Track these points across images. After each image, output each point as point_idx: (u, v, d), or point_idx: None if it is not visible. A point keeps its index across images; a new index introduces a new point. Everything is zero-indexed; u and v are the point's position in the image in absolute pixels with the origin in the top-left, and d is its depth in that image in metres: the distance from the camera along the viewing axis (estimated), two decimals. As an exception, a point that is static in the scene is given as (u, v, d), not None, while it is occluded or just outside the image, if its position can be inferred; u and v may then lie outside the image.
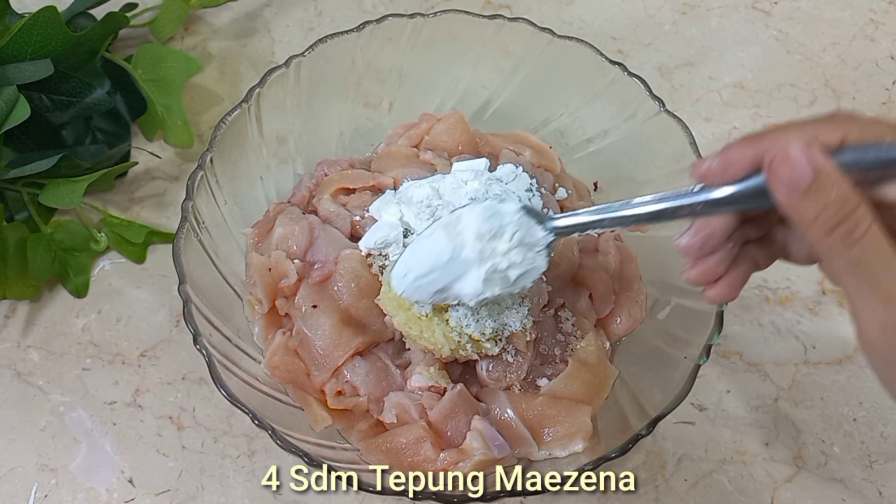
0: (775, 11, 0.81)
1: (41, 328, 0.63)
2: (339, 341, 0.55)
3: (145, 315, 0.64)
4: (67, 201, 0.62)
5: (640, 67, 0.76)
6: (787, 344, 0.64)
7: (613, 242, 0.61)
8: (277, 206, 0.62)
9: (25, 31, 0.63)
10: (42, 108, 0.65)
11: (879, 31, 0.79)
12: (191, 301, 0.53)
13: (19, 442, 0.59)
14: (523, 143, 0.65)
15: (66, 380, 0.61)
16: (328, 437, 0.55)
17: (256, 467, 0.58)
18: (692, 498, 0.58)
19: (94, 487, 0.58)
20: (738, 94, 0.76)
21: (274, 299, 0.58)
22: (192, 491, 0.58)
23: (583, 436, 0.54)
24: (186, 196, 0.56)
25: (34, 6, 0.70)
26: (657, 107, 0.61)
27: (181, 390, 0.61)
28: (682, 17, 0.80)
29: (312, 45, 0.63)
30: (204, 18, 0.79)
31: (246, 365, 0.55)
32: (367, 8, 0.80)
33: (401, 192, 0.59)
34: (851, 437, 0.60)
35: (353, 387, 0.55)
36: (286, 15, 0.79)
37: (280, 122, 0.63)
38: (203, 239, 0.57)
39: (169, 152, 0.71)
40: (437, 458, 0.53)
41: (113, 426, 0.60)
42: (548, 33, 0.64)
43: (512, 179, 0.60)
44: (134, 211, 0.68)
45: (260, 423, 0.49)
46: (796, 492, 0.58)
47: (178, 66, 0.71)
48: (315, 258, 0.58)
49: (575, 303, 0.59)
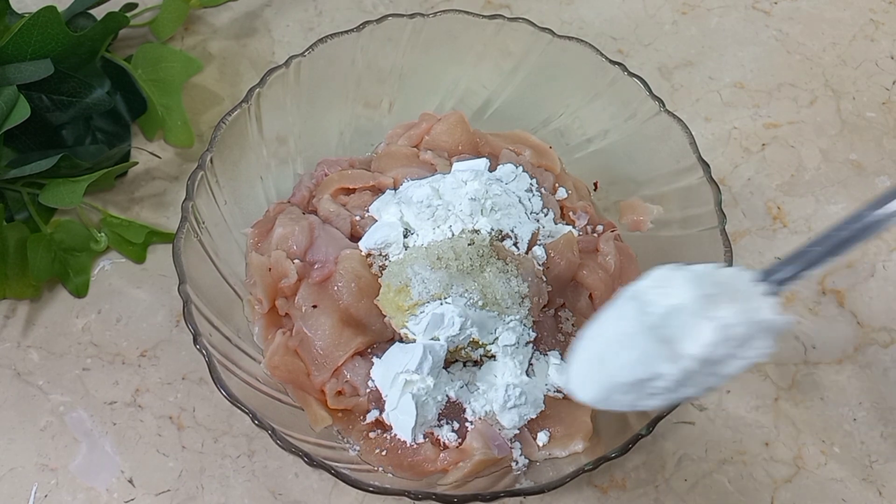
0: (775, 11, 0.81)
1: (41, 328, 0.63)
2: (339, 341, 0.55)
3: (145, 315, 0.64)
4: (67, 201, 0.62)
5: (640, 67, 0.76)
6: (787, 344, 0.64)
7: (613, 242, 0.61)
8: (277, 206, 0.62)
9: (25, 31, 0.63)
10: (42, 108, 0.65)
11: (879, 31, 0.79)
12: (191, 301, 0.53)
13: (19, 442, 0.59)
14: (523, 143, 0.65)
15: (66, 380, 0.61)
16: (328, 437, 0.55)
17: (256, 467, 0.58)
18: (692, 498, 0.58)
19: (94, 487, 0.58)
20: (738, 94, 0.76)
21: (274, 299, 0.58)
22: (192, 491, 0.58)
23: (583, 436, 0.54)
24: (186, 196, 0.56)
25: (34, 6, 0.70)
26: (657, 107, 0.61)
27: (181, 390, 0.61)
28: (682, 17, 0.80)
29: (312, 45, 0.63)
30: (204, 18, 0.79)
31: (246, 365, 0.55)
32: (367, 8, 0.80)
33: (401, 192, 0.59)
34: (851, 437, 0.60)
35: (353, 387, 0.55)
36: (286, 15, 0.79)
37: (280, 122, 0.63)
38: (203, 239, 0.57)
39: (169, 152, 0.71)
40: (437, 458, 0.53)
41: (113, 426, 0.60)
42: (548, 33, 0.64)
43: (512, 179, 0.61)
44: (134, 211, 0.68)
45: (260, 423, 0.49)
46: (796, 492, 0.58)
47: (178, 66, 0.71)
48: (315, 258, 0.58)
49: (575, 303, 0.59)
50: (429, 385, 0.52)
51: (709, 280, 0.40)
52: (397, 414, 0.53)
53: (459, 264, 0.53)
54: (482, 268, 0.54)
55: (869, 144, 0.73)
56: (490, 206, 0.57)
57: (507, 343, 0.53)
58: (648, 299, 0.40)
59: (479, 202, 0.57)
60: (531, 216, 0.59)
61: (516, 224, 0.58)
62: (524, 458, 0.54)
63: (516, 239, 0.57)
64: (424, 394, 0.52)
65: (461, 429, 0.54)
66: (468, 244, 0.54)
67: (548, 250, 0.58)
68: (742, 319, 0.38)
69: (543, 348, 0.56)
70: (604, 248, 0.60)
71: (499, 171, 0.61)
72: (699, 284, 0.39)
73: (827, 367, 0.63)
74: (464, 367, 0.55)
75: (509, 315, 0.54)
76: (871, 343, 0.64)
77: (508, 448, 0.54)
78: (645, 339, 0.39)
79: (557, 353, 0.56)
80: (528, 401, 0.53)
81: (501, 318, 0.54)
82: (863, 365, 0.63)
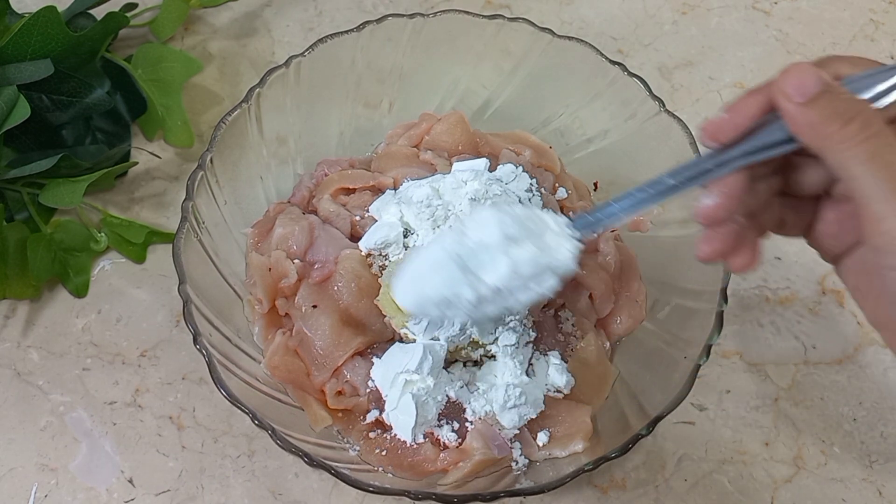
0: (775, 11, 0.81)
1: (41, 328, 0.63)
2: (339, 341, 0.55)
3: (145, 315, 0.64)
4: (67, 201, 0.62)
5: (640, 67, 0.76)
6: (787, 344, 0.64)
7: (613, 242, 0.61)
8: (277, 206, 0.62)
9: (25, 31, 0.63)
10: (42, 108, 0.65)
11: (879, 31, 0.79)
12: (191, 301, 0.53)
13: (19, 442, 0.59)
14: (523, 143, 0.65)
15: (66, 380, 0.61)
16: (328, 437, 0.55)
17: (256, 467, 0.58)
18: (692, 498, 0.58)
19: (94, 487, 0.58)
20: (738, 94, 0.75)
21: (274, 299, 0.58)
22: (192, 491, 0.58)
23: (583, 436, 0.54)
24: (186, 196, 0.56)
25: (34, 6, 0.70)
26: (657, 107, 0.61)
27: (181, 390, 0.61)
28: (682, 17, 0.80)
29: (312, 45, 0.63)
30: (204, 18, 0.79)
31: (246, 365, 0.55)
32: (367, 8, 0.80)
33: (401, 192, 0.59)
34: (851, 437, 0.60)
35: (353, 387, 0.55)
36: (286, 15, 0.79)
37: (280, 122, 0.63)
38: (203, 239, 0.57)
39: (169, 152, 0.71)
40: (437, 458, 0.53)
41: (113, 426, 0.60)
42: (548, 33, 0.64)
43: (512, 179, 0.60)
44: (134, 211, 0.68)
45: (260, 423, 0.49)
46: (796, 492, 0.58)
47: (178, 66, 0.71)
48: (315, 258, 0.58)
49: (575, 303, 0.59)
50: (429, 385, 0.52)
51: (521, 222, 0.46)
52: (397, 414, 0.53)
53: (459, 264, 0.53)
54: (482, 268, 0.54)
55: (869, 144, 0.73)
56: (490, 206, 0.57)
57: (507, 343, 0.53)
58: (465, 232, 0.47)
59: (479, 202, 0.57)
60: (531, 216, 0.59)
61: (516, 224, 0.58)
62: (524, 458, 0.54)
63: (516, 239, 0.57)
64: (424, 394, 0.52)
65: (461, 429, 0.54)
66: (468, 244, 0.54)
67: (548, 250, 0.58)
68: (535, 260, 0.46)
69: (543, 348, 0.56)
70: (604, 248, 0.60)
71: (499, 171, 0.60)
72: (510, 225, 0.46)
73: (827, 367, 0.63)
74: (464, 367, 0.55)
75: (509, 315, 0.54)
76: (871, 343, 0.64)
77: (508, 448, 0.54)
78: (453, 266, 0.46)
79: (557, 353, 0.56)
80: (528, 401, 0.53)
81: (501, 319, 0.53)
82: (863, 365, 0.63)
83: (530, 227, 0.47)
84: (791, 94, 0.37)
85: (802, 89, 0.37)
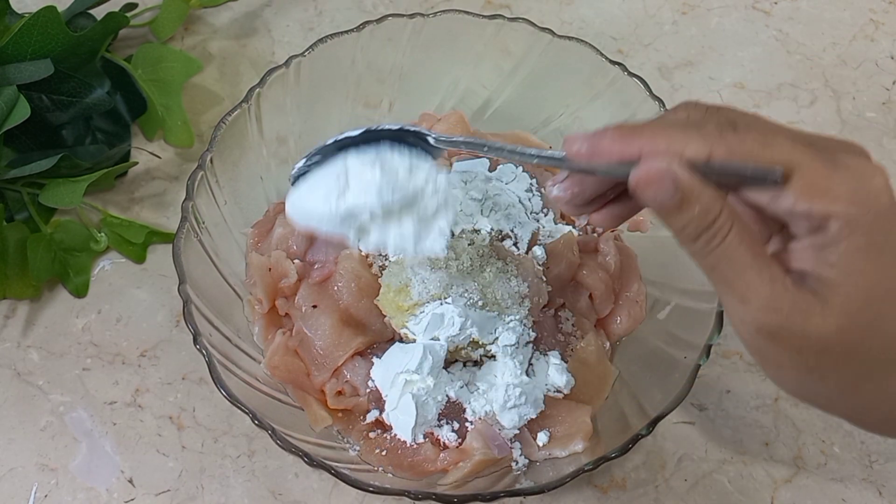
0: (775, 11, 0.81)
1: (41, 328, 0.63)
2: (339, 341, 0.55)
3: (145, 315, 0.64)
4: (67, 201, 0.62)
5: (640, 67, 0.76)
6: (787, 344, 0.64)
7: (613, 242, 0.61)
8: (277, 206, 0.62)
9: (25, 31, 0.63)
10: (42, 108, 0.65)
11: (879, 31, 0.79)
12: (191, 301, 0.53)
13: (19, 442, 0.59)
14: (523, 143, 0.65)
15: (66, 380, 0.61)
16: (328, 437, 0.55)
17: (256, 467, 0.58)
18: (692, 498, 0.58)
19: (94, 487, 0.58)
20: (738, 94, 0.76)
21: (274, 299, 0.58)
22: (192, 491, 0.58)
23: (583, 436, 0.54)
24: (186, 196, 0.56)
25: (34, 6, 0.70)
26: (657, 107, 0.61)
27: (181, 390, 0.61)
28: (682, 17, 0.80)
29: (312, 45, 0.63)
30: (204, 18, 0.79)
31: (246, 365, 0.55)
32: (367, 8, 0.80)
33: (401, 192, 0.59)
34: (851, 437, 0.60)
35: (353, 387, 0.55)
36: (286, 15, 0.79)
37: (280, 122, 0.63)
38: (203, 239, 0.57)
39: (169, 152, 0.71)
40: (437, 458, 0.53)
41: (113, 426, 0.60)
42: (548, 33, 0.64)
43: (512, 179, 0.61)
44: (134, 211, 0.68)
45: (260, 423, 0.49)
46: (796, 492, 0.58)
47: (178, 66, 0.71)
48: (315, 258, 0.58)
49: (575, 303, 0.59)
50: (429, 385, 0.52)
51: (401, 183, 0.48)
52: (397, 414, 0.53)
53: (459, 264, 0.53)
54: (482, 268, 0.54)
55: (869, 144, 0.72)
56: (490, 206, 0.57)
57: (507, 343, 0.53)
58: (351, 165, 0.49)
59: (479, 202, 0.57)
60: (531, 216, 0.59)
61: (516, 224, 0.58)
62: (524, 458, 0.54)
63: (516, 239, 0.57)
64: (424, 394, 0.52)
65: (461, 429, 0.54)
66: (468, 244, 0.54)
67: (548, 250, 0.58)
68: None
69: (543, 348, 0.56)
70: (604, 248, 0.60)
71: (499, 171, 0.61)
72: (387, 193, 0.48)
73: (827, 367, 0.63)
74: (464, 367, 0.55)
75: (509, 315, 0.54)
76: (871, 343, 0.64)
77: (508, 448, 0.54)
78: (331, 183, 0.49)
79: (557, 353, 0.56)
80: (528, 401, 0.53)
81: (501, 318, 0.54)
82: (863, 365, 0.63)
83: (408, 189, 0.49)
84: (653, 200, 0.37)
85: (662, 202, 0.37)
